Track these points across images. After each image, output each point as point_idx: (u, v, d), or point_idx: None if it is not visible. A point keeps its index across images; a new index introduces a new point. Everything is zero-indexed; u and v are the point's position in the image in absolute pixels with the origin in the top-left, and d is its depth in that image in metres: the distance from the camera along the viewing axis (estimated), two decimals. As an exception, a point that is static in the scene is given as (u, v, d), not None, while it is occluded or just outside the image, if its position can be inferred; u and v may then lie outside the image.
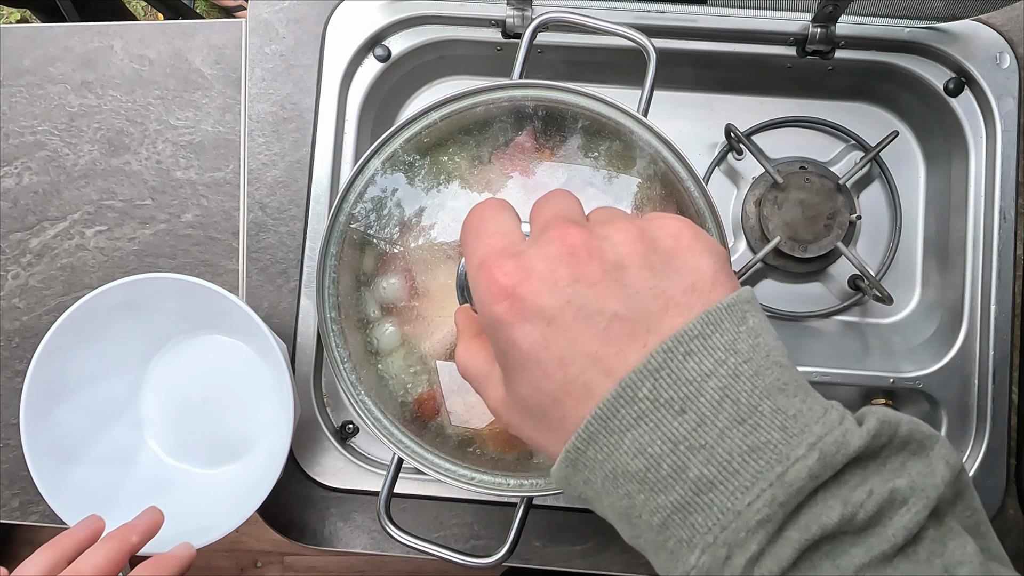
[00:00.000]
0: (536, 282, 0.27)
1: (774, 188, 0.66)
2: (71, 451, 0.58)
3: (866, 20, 0.63)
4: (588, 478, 0.27)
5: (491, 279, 0.28)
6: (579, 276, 0.27)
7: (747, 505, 0.24)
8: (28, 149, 0.66)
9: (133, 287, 0.56)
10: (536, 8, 0.63)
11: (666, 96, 0.69)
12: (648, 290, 0.27)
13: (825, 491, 0.25)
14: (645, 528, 0.26)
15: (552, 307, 0.27)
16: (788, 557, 0.24)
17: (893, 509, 0.25)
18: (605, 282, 0.27)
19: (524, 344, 0.28)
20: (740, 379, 0.26)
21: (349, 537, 0.63)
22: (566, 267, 0.28)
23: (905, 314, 0.69)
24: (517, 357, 0.28)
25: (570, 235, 0.28)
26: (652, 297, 0.27)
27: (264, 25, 0.65)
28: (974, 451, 0.62)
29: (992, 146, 0.63)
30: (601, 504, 0.28)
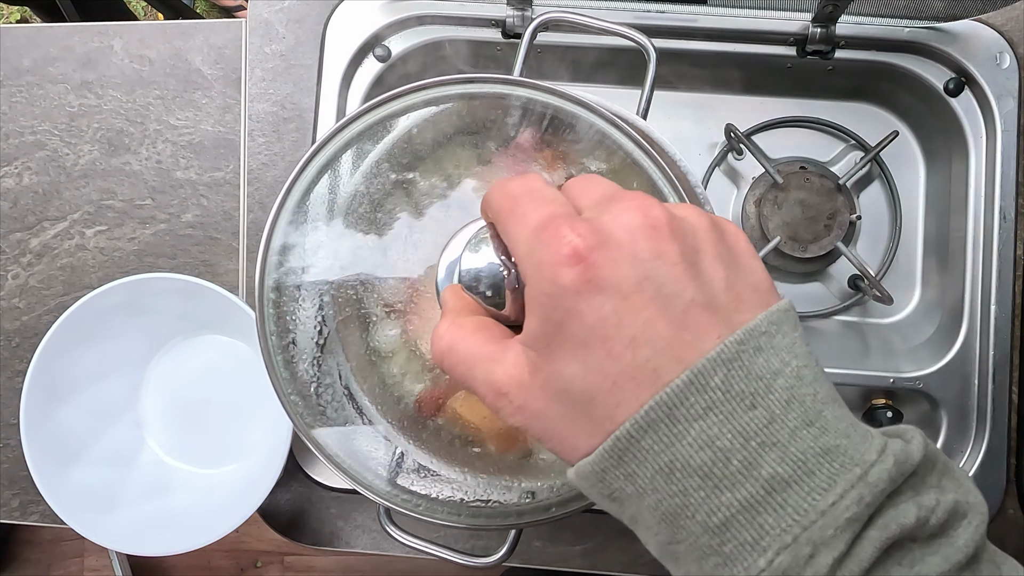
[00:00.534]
0: (615, 250, 0.25)
1: (774, 188, 0.66)
2: (71, 451, 0.58)
3: (866, 20, 0.63)
4: (633, 472, 0.25)
5: (559, 239, 0.25)
6: (661, 252, 0.25)
7: (831, 504, 0.23)
8: (28, 149, 0.66)
9: (134, 287, 0.56)
10: (536, 8, 0.63)
11: (666, 96, 0.69)
12: (721, 281, 0.26)
13: (897, 496, 0.25)
14: (697, 530, 0.24)
15: (630, 281, 0.25)
16: (869, 557, 0.23)
17: (958, 520, 0.25)
18: (684, 265, 0.26)
19: (591, 318, 0.25)
20: (803, 382, 0.25)
21: (349, 537, 0.63)
22: (647, 240, 0.25)
23: (905, 314, 0.69)
24: (578, 332, 0.25)
25: (652, 208, 0.26)
26: (724, 289, 0.26)
27: (264, 25, 0.65)
28: (974, 451, 0.62)
29: (992, 146, 0.63)
30: (638, 504, 0.26)
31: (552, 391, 0.27)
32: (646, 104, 0.52)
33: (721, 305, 0.26)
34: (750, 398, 0.24)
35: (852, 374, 0.62)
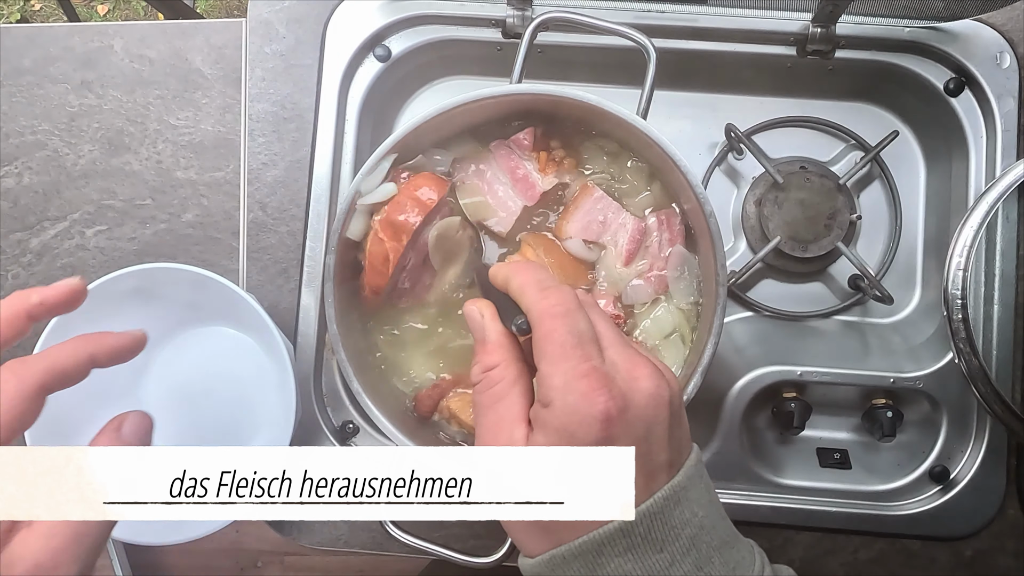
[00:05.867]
0: (631, 414, 0.34)
1: (774, 188, 0.66)
2: (66, 432, 0.58)
3: (866, 20, 0.63)
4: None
5: (596, 396, 0.33)
6: (660, 420, 0.34)
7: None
8: (28, 149, 0.66)
9: (146, 274, 0.57)
10: (536, 8, 0.63)
11: (666, 96, 0.69)
12: (677, 440, 0.35)
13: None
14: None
15: (633, 439, 0.34)
16: None
17: None
18: (667, 430, 0.35)
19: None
20: (704, 531, 0.34)
21: (349, 537, 0.63)
22: (654, 409, 0.34)
23: (905, 314, 0.68)
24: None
25: (660, 379, 0.35)
26: (677, 448, 0.35)
27: (264, 25, 0.65)
28: (974, 451, 0.62)
29: (992, 146, 0.63)
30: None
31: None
32: (646, 104, 0.52)
33: (674, 460, 0.35)
34: (660, 543, 0.33)
35: (852, 374, 0.62)
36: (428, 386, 0.56)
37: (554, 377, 0.34)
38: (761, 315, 0.68)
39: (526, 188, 0.56)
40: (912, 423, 0.64)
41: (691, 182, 0.51)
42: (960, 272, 0.56)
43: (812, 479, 0.65)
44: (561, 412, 0.33)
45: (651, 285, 0.55)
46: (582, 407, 0.33)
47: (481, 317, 0.38)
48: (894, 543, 0.62)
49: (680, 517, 0.34)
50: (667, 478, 0.35)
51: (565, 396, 0.33)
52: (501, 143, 0.57)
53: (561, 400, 0.33)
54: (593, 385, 0.33)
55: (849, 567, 0.62)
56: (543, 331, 0.35)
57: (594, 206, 0.56)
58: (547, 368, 0.34)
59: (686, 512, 0.34)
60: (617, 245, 0.56)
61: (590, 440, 0.33)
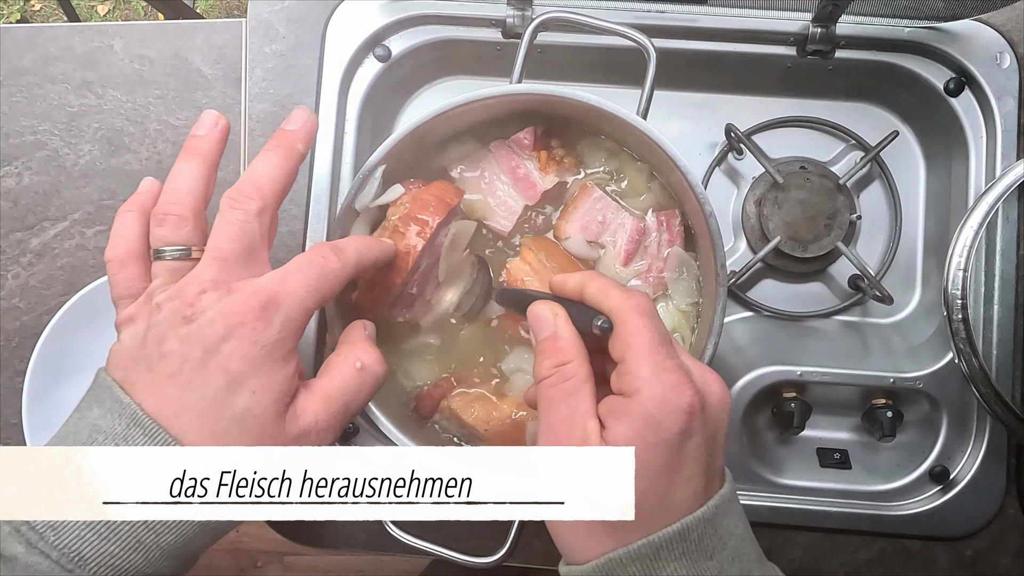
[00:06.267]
0: (708, 412, 0.37)
1: (774, 188, 0.66)
2: None
3: (866, 20, 0.63)
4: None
5: (684, 391, 0.35)
6: (721, 425, 0.38)
7: None
8: (28, 149, 0.66)
9: None
10: (536, 8, 0.63)
11: (666, 96, 0.69)
12: (721, 448, 0.38)
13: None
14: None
15: (708, 434, 0.37)
16: None
17: None
18: (724, 436, 0.38)
19: (687, 452, 0.36)
20: (745, 543, 0.37)
21: (349, 537, 0.63)
22: (723, 411, 0.38)
23: (905, 314, 0.68)
24: (670, 455, 0.35)
25: (723, 384, 0.38)
26: (720, 453, 0.38)
27: (264, 25, 0.65)
28: (974, 451, 0.62)
29: (992, 146, 0.63)
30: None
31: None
32: (646, 104, 0.52)
33: (723, 469, 0.38)
34: (710, 551, 0.35)
35: (852, 374, 0.62)
36: (429, 386, 0.56)
37: (642, 368, 0.36)
38: (761, 315, 0.68)
39: (527, 187, 0.56)
40: (912, 423, 0.64)
41: (691, 182, 0.51)
42: (960, 272, 0.56)
43: (812, 479, 0.65)
44: (649, 400, 0.35)
45: (650, 285, 0.56)
46: (671, 397, 0.35)
47: (553, 316, 0.39)
48: (894, 543, 0.62)
49: (727, 527, 0.36)
50: (719, 486, 0.37)
51: (653, 386, 0.35)
52: (501, 143, 0.57)
53: (649, 390, 0.35)
54: (681, 379, 0.36)
55: (849, 567, 0.62)
56: (631, 326, 0.37)
57: (593, 206, 0.56)
58: (635, 360, 0.36)
59: (731, 523, 0.36)
60: (616, 245, 0.56)
61: (675, 430, 0.35)
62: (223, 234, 0.38)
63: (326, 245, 0.41)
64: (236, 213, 0.39)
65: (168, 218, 0.39)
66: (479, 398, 0.55)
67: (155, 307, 0.37)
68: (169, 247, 0.39)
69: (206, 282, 0.37)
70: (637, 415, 0.35)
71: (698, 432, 0.36)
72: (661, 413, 0.35)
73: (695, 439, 0.36)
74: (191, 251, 0.39)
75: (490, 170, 0.57)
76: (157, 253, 0.39)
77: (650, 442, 0.35)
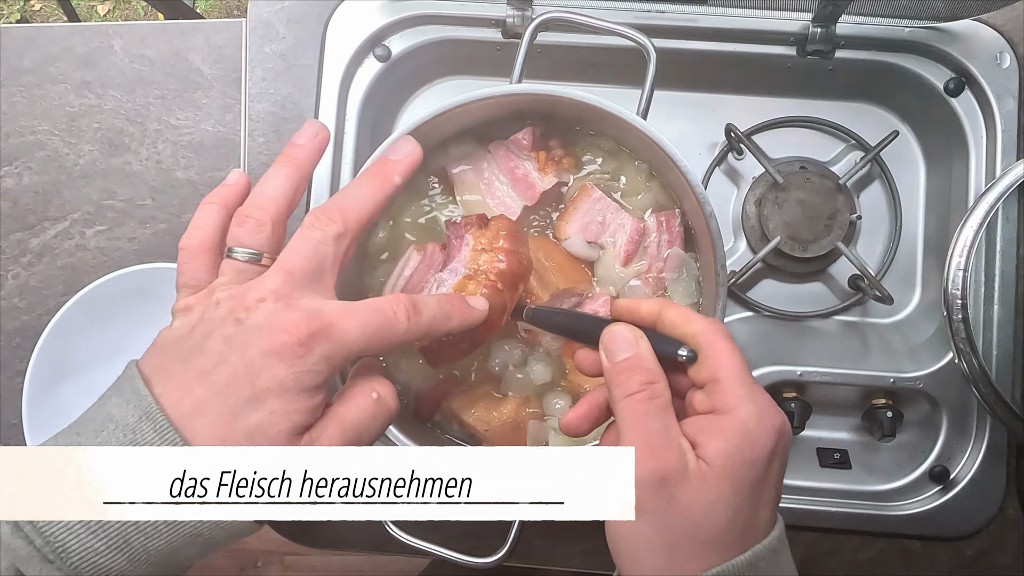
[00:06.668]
0: (785, 442, 0.38)
1: (774, 188, 0.66)
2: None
3: (866, 20, 0.63)
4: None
5: (773, 413, 0.37)
6: (787, 454, 0.39)
7: None
8: (28, 149, 0.66)
9: (146, 274, 0.57)
10: (536, 8, 0.63)
11: (666, 96, 0.69)
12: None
13: None
14: None
15: (784, 458, 0.38)
16: None
17: None
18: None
19: (771, 474, 0.37)
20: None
21: (349, 537, 0.63)
22: (789, 442, 0.39)
23: (905, 314, 0.68)
24: (759, 474, 0.36)
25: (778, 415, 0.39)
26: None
27: (264, 25, 0.65)
28: (974, 451, 0.62)
29: (992, 146, 0.63)
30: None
31: (694, 510, 0.35)
32: (646, 104, 0.52)
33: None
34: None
35: (852, 374, 0.62)
36: (429, 386, 0.56)
37: (738, 387, 0.37)
38: (761, 315, 0.68)
39: (526, 188, 0.56)
40: (912, 423, 0.64)
41: (691, 182, 0.51)
42: (960, 272, 0.56)
43: (812, 479, 0.65)
44: (746, 417, 0.37)
45: (649, 286, 0.56)
46: (764, 416, 0.37)
47: (636, 339, 0.40)
48: (894, 543, 0.62)
49: (785, 559, 0.38)
50: (776, 517, 0.38)
51: (749, 404, 0.37)
52: (500, 143, 0.57)
53: (746, 408, 0.37)
54: (770, 402, 0.38)
55: (849, 567, 0.62)
56: (720, 348, 0.38)
57: (593, 206, 0.56)
58: (728, 379, 0.38)
59: (784, 557, 0.38)
60: (616, 245, 0.56)
61: (768, 448, 0.36)
62: (298, 249, 0.38)
63: (405, 301, 0.39)
64: (315, 232, 0.39)
65: (248, 220, 0.39)
66: (479, 399, 0.55)
67: (214, 303, 0.37)
68: (242, 248, 0.39)
69: (268, 291, 0.37)
70: (735, 431, 0.36)
71: (780, 454, 0.37)
72: (757, 430, 0.36)
73: (777, 462, 0.37)
74: (262, 257, 0.39)
75: (489, 170, 0.57)
76: (230, 252, 0.39)
77: (747, 459, 0.36)
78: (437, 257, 0.51)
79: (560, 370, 0.56)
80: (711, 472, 0.36)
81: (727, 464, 0.36)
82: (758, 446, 0.36)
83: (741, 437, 0.36)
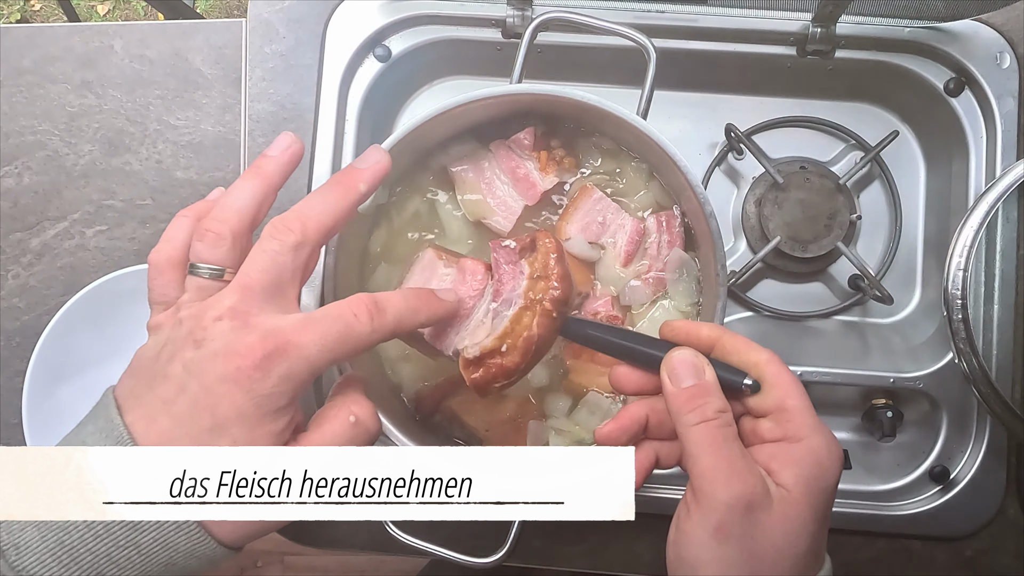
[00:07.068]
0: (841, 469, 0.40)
1: (774, 188, 0.66)
2: (66, 431, 0.59)
3: (866, 20, 0.63)
4: None
5: (836, 444, 0.39)
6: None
7: None
8: (28, 149, 0.66)
9: (146, 275, 0.57)
10: (536, 8, 0.63)
11: (666, 96, 0.69)
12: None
13: None
14: None
15: (836, 490, 0.39)
16: None
17: None
18: None
19: (831, 503, 0.38)
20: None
21: (349, 537, 0.63)
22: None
23: (905, 314, 0.68)
24: (828, 503, 0.38)
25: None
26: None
27: (264, 25, 0.65)
28: (974, 451, 0.62)
29: (992, 146, 0.63)
30: None
31: (779, 535, 0.36)
32: (646, 104, 0.52)
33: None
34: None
35: (852, 374, 0.62)
36: (429, 386, 0.56)
37: (808, 418, 0.38)
38: (761, 315, 0.68)
39: (527, 188, 0.56)
40: (912, 423, 0.64)
41: (691, 182, 0.51)
42: (960, 272, 0.56)
43: (812, 479, 0.65)
44: (818, 447, 0.38)
45: (649, 286, 0.56)
46: (832, 446, 0.38)
47: (703, 365, 0.40)
48: (894, 543, 0.62)
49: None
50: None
51: (819, 434, 0.38)
52: (501, 143, 0.57)
53: (817, 437, 0.38)
54: (831, 432, 0.39)
55: (849, 567, 0.62)
56: (786, 378, 0.39)
57: (593, 207, 0.56)
58: (799, 411, 0.39)
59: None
60: (616, 246, 0.56)
61: (835, 478, 0.38)
62: (255, 262, 0.37)
63: (365, 301, 0.38)
64: (272, 243, 0.37)
65: (208, 234, 0.38)
66: (479, 399, 0.55)
67: (178, 321, 0.37)
68: (204, 264, 0.38)
69: (225, 309, 0.36)
70: (808, 461, 0.37)
71: (837, 484, 0.38)
72: (828, 460, 0.38)
73: (835, 492, 0.38)
74: (224, 272, 0.38)
75: (490, 170, 0.57)
76: (192, 268, 0.38)
77: (822, 487, 0.37)
78: (479, 277, 0.48)
79: (560, 371, 0.56)
80: (792, 499, 0.36)
81: (807, 491, 0.36)
82: (829, 475, 0.37)
83: (815, 465, 0.37)
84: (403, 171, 0.57)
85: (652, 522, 0.44)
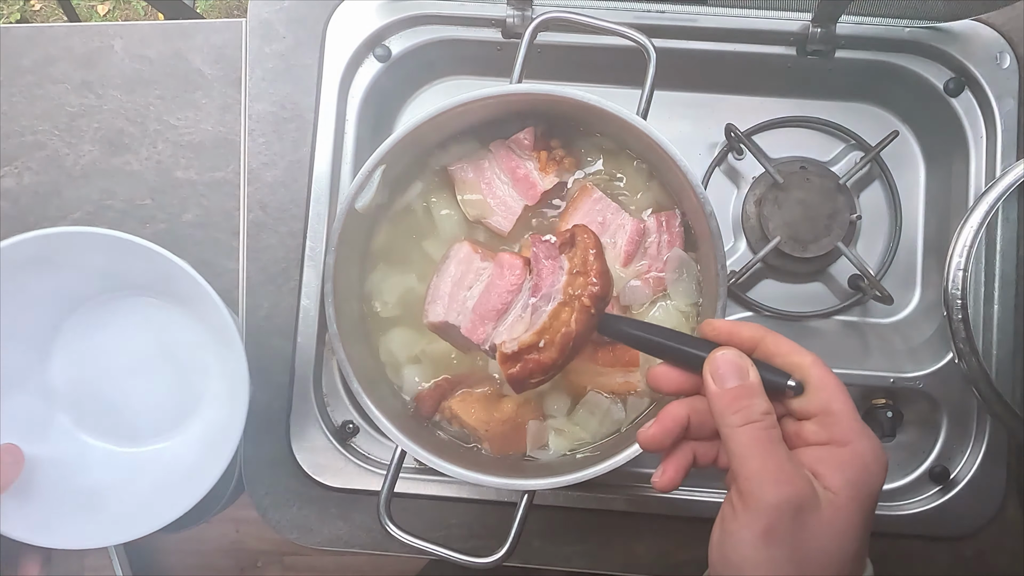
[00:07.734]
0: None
1: (774, 188, 0.66)
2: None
3: (866, 20, 0.63)
4: None
5: (882, 449, 0.38)
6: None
7: None
8: (28, 149, 0.66)
9: (48, 240, 0.51)
10: (536, 8, 0.63)
11: (666, 96, 0.69)
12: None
13: None
14: None
15: (880, 496, 0.39)
16: None
17: None
18: None
19: (875, 508, 0.38)
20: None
21: (349, 537, 0.63)
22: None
23: (905, 314, 0.68)
24: (873, 507, 0.37)
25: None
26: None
27: (264, 25, 0.65)
28: (974, 451, 0.62)
29: (992, 146, 0.63)
30: None
31: (827, 538, 0.36)
32: (646, 104, 0.52)
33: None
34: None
35: (852, 374, 0.62)
36: (428, 386, 0.56)
37: (855, 422, 0.38)
38: (761, 315, 0.68)
39: (527, 187, 0.56)
40: (912, 423, 0.64)
41: (691, 182, 0.51)
42: (960, 272, 0.56)
43: (812, 479, 0.65)
44: (865, 451, 0.38)
45: (649, 286, 0.55)
46: (878, 451, 0.38)
47: (748, 367, 0.40)
48: (894, 543, 0.62)
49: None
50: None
51: (865, 438, 0.38)
52: (501, 143, 0.57)
53: (863, 442, 0.38)
54: (876, 437, 0.39)
55: (849, 567, 0.62)
56: (832, 381, 0.39)
57: (593, 207, 0.56)
58: (845, 414, 0.38)
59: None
60: (616, 246, 0.56)
61: (880, 482, 0.38)
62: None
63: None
64: None
65: None
66: (479, 398, 0.55)
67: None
68: None
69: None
70: (855, 465, 0.37)
71: (881, 491, 0.38)
72: (875, 464, 0.38)
73: (879, 496, 0.38)
74: None
75: (490, 170, 0.57)
76: None
77: (869, 491, 0.37)
78: (518, 272, 0.48)
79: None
80: (840, 502, 0.36)
81: (855, 495, 0.36)
82: (875, 480, 0.37)
83: (861, 470, 0.37)
84: (403, 171, 0.57)
85: (652, 522, 0.44)
